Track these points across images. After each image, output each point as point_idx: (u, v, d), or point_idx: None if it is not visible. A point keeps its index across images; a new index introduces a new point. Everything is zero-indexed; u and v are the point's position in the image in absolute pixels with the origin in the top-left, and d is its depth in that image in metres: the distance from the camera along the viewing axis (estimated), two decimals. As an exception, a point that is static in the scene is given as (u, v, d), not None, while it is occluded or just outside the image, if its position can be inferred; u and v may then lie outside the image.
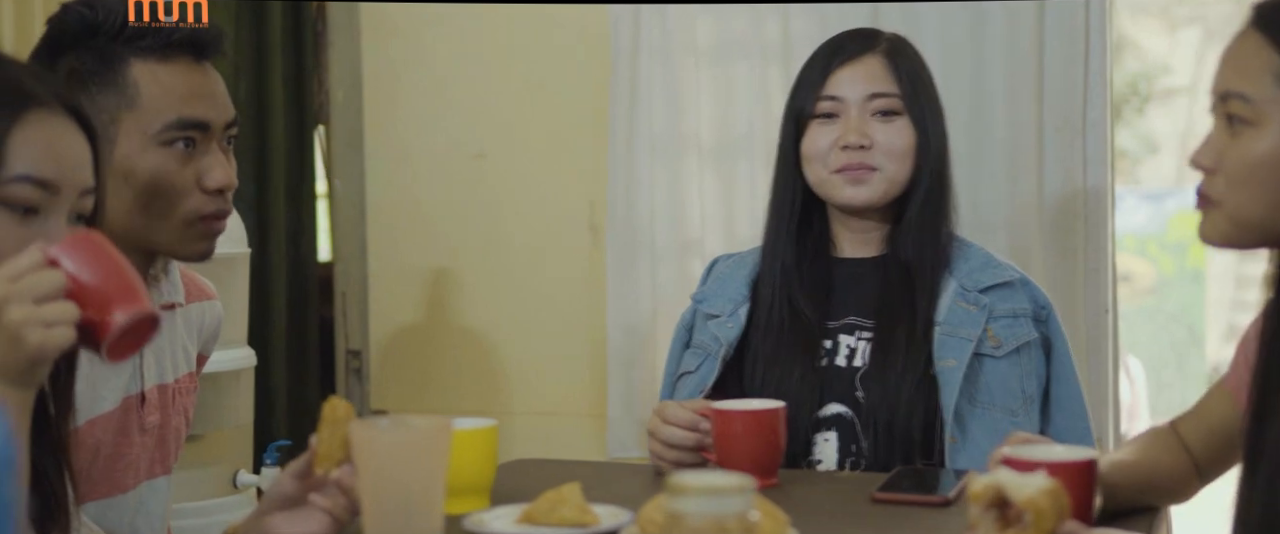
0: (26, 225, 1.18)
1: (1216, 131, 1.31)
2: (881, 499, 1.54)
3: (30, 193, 1.18)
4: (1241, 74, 1.27)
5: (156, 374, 1.63)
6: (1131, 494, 1.48)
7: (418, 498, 1.22)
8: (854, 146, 1.87)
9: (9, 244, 1.16)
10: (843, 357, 1.88)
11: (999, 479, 1.19)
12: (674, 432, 1.70)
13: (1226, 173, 1.29)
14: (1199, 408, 1.60)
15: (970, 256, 1.92)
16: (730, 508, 1.09)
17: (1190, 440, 1.58)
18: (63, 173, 1.20)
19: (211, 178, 1.55)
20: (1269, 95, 1.25)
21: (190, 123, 1.54)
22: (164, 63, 1.54)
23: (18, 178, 1.17)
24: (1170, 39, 8.62)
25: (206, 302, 1.76)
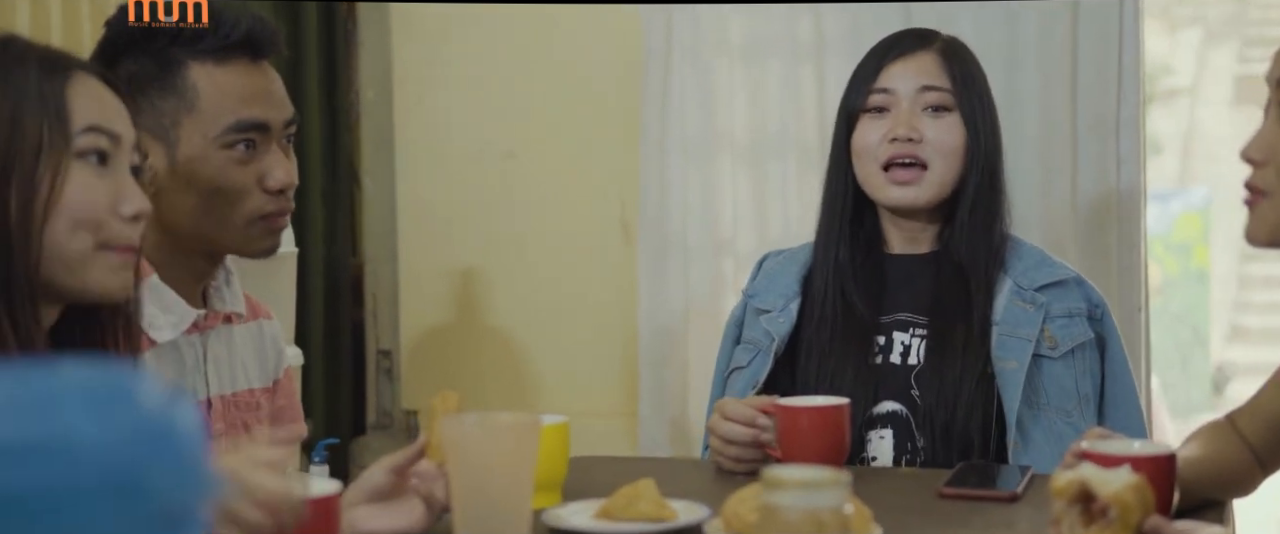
0: (103, 176, 1.22)
1: (1269, 124, 1.32)
2: (949, 495, 1.54)
3: (101, 141, 1.22)
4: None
5: (217, 384, 1.64)
6: (1200, 489, 1.49)
7: (507, 493, 1.23)
8: (903, 138, 1.87)
9: (90, 198, 1.20)
10: (897, 354, 1.88)
11: (1083, 475, 1.20)
12: (733, 428, 1.70)
13: (1277, 164, 1.29)
14: (1255, 401, 1.61)
15: (1025, 255, 1.92)
16: (826, 502, 1.10)
17: (1249, 433, 1.58)
18: (117, 125, 1.25)
19: (273, 178, 1.56)
20: None
21: (250, 124, 1.54)
22: (221, 65, 1.54)
23: (86, 128, 1.21)
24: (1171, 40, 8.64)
25: (265, 321, 1.76)
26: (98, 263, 1.21)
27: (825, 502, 1.10)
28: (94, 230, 1.20)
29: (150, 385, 0.62)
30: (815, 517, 1.09)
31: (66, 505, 0.58)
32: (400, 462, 1.33)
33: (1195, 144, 8.59)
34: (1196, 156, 8.14)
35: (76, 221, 1.20)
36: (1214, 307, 7.95)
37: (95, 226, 1.20)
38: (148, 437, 0.61)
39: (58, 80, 1.22)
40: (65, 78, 1.22)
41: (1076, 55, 2.83)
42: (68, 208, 1.19)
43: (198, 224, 1.54)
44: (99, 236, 1.21)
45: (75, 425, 0.60)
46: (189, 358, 1.58)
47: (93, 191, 1.20)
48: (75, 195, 1.19)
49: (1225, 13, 8.27)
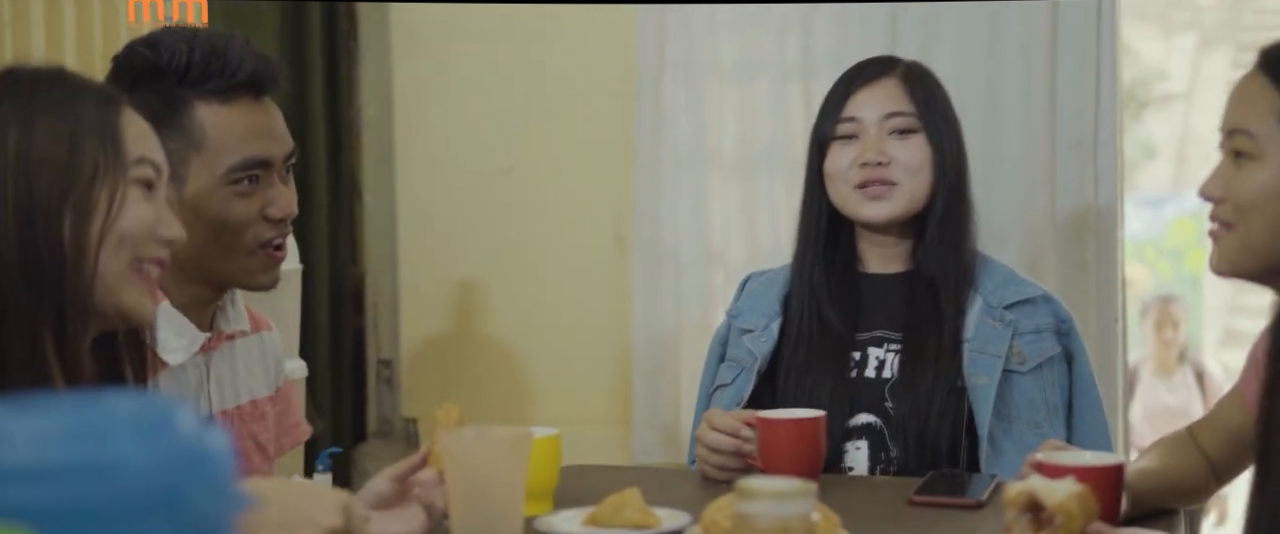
0: (149, 201, 1.30)
1: (1223, 164, 1.41)
2: (918, 502, 1.64)
3: (149, 172, 1.30)
4: (1246, 112, 1.37)
5: (220, 400, 1.71)
6: (1153, 498, 1.58)
7: (501, 501, 1.33)
8: (872, 163, 1.96)
9: (141, 222, 1.28)
10: (872, 368, 1.96)
11: (1031, 485, 1.30)
12: (718, 438, 1.79)
13: (1233, 201, 1.38)
14: (1214, 414, 1.70)
15: (994, 273, 2.00)
16: (795, 510, 1.19)
17: (1206, 445, 1.67)
18: (159, 157, 1.33)
19: (276, 208, 1.63)
20: (1270, 132, 1.34)
21: (255, 162, 1.61)
22: (226, 104, 1.60)
23: (138, 160, 1.29)
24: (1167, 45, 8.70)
25: (266, 333, 1.83)
26: (131, 286, 1.29)
27: (793, 510, 1.19)
28: (134, 248, 1.28)
29: (187, 414, 0.72)
30: (784, 524, 1.19)
31: (115, 520, 0.67)
32: (402, 471, 1.42)
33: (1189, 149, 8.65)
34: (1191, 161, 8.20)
35: (123, 243, 1.27)
36: (1207, 311, 8.03)
37: (135, 247, 1.28)
38: (186, 460, 0.70)
39: (112, 112, 1.29)
40: (118, 110, 1.30)
41: (1056, 74, 2.91)
42: (119, 231, 1.26)
43: (203, 254, 1.60)
44: (136, 255, 1.29)
45: (123, 450, 0.69)
46: (193, 378, 1.65)
47: (143, 216, 1.28)
48: (128, 220, 1.27)
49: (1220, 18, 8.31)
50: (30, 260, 1.25)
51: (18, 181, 1.24)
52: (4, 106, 1.26)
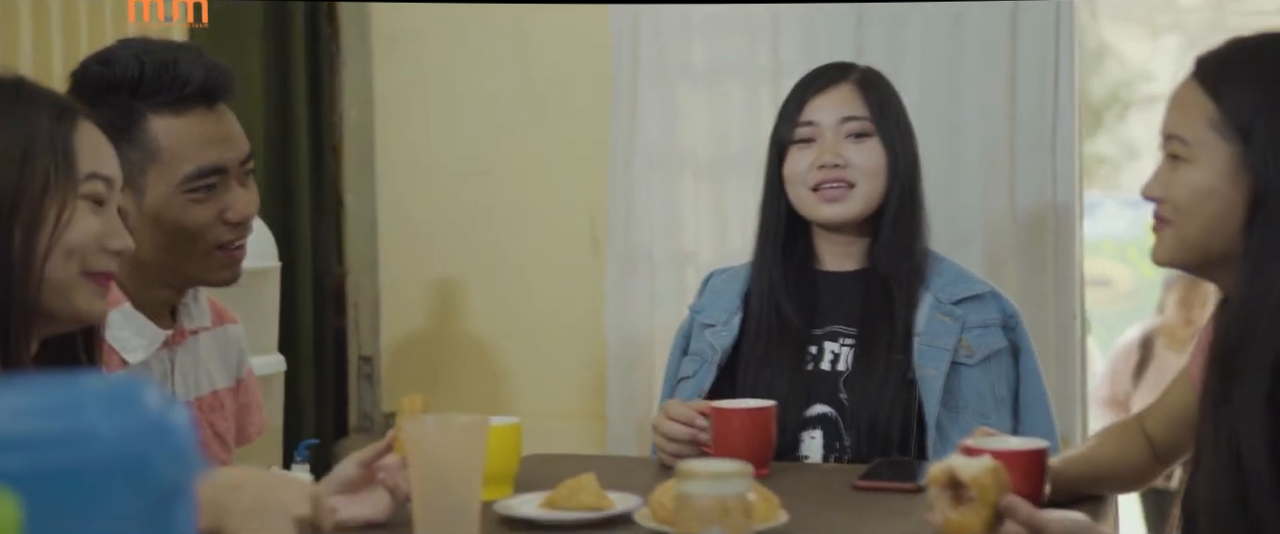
0: (97, 215, 1.36)
1: (1162, 166, 1.49)
2: (861, 487, 1.72)
3: (99, 188, 1.36)
4: (1181, 119, 1.45)
5: (184, 392, 1.77)
6: (1084, 484, 1.66)
7: (460, 485, 1.41)
8: (829, 165, 2.04)
9: (87, 235, 1.34)
10: (827, 361, 2.05)
11: (950, 462, 1.38)
12: (675, 427, 1.87)
13: (1171, 201, 1.46)
14: (1163, 398, 1.78)
15: (944, 271, 2.08)
16: (731, 490, 1.27)
17: (1152, 430, 1.75)
18: (112, 171, 1.38)
19: (234, 211, 1.69)
20: (1202, 138, 1.42)
21: (210, 169, 1.66)
22: (179, 116, 1.65)
23: (89, 175, 1.35)
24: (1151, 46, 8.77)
25: (230, 326, 1.89)
26: (82, 289, 1.35)
27: (730, 489, 1.27)
28: (82, 260, 1.34)
29: (152, 391, 0.80)
30: (721, 503, 1.27)
31: (86, 485, 0.75)
32: (367, 456, 1.49)
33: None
34: (1174, 163, 8.27)
35: (70, 253, 1.33)
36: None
37: (83, 257, 1.34)
38: (150, 431, 0.78)
39: (66, 127, 1.34)
40: (72, 125, 1.35)
41: (1016, 79, 2.97)
42: (66, 243, 1.32)
43: (164, 257, 1.66)
44: (85, 265, 1.35)
45: (95, 422, 0.77)
46: (156, 372, 1.71)
47: (90, 230, 1.34)
48: (75, 233, 1.33)
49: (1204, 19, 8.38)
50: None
51: None
52: None
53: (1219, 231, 1.42)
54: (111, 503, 0.75)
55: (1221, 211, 1.41)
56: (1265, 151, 1.38)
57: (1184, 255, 1.47)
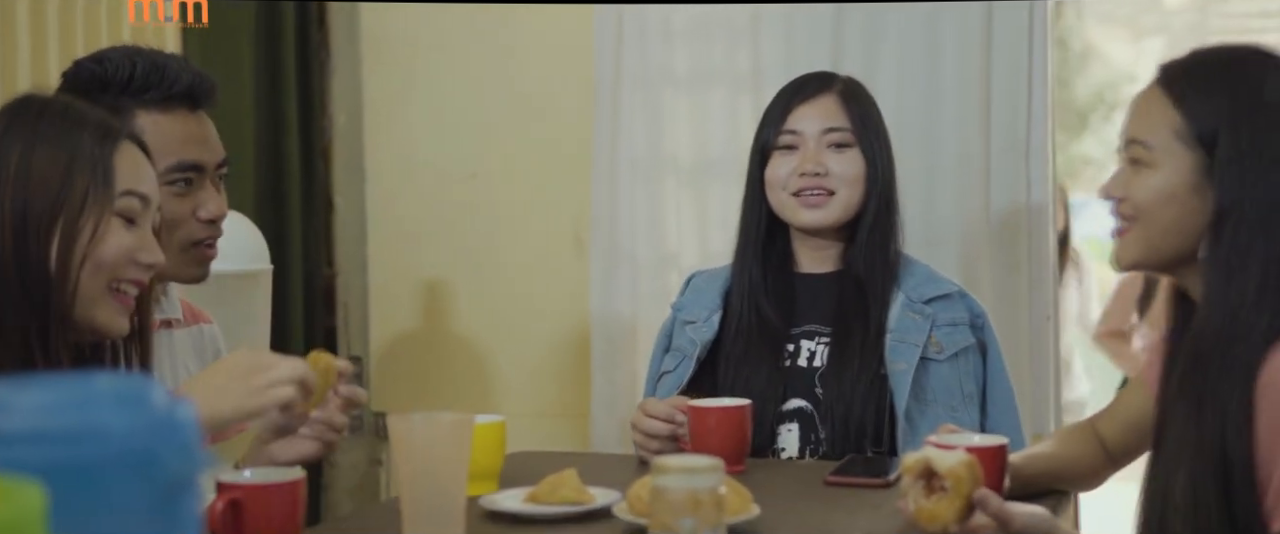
0: (130, 232, 1.44)
1: (1122, 169, 1.54)
2: (832, 482, 1.78)
3: (134, 204, 1.44)
4: (1143, 124, 1.50)
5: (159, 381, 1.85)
6: (1042, 481, 1.73)
7: (446, 479, 1.47)
8: (811, 173, 2.11)
9: (119, 249, 1.42)
10: (804, 358, 2.11)
11: (926, 453, 1.45)
12: (653, 424, 1.94)
13: (1131, 202, 1.51)
14: (1116, 404, 1.84)
15: (915, 272, 2.15)
16: (704, 484, 1.34)
17: (1106, 434, 1.81)
18: (148, 189, 1.47)
19: (206, 210, 1.78)
20: (1164, 143, 1.48)
21: (188, 165, 1.76)
22: (165, 113, 1.75)
23: (125, 192, 1.43)
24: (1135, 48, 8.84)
25: (205, 325, 1.97)
26: (105, 305, 1.43)
27: (702, 484, 1.34)
28: (112, 272, 1.42)
29: (159, 390, 0.86)
30: (694, 496, 1.34)
31: (100, 478, 0.81)
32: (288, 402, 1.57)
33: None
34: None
35: (99, 266, 1.41)
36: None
37: (113, 270, 1.42)
38: (159, 427, 0.84)
39: (107, 147, 1.43)
40: (114, 145, 1.44)
41: (990, 85, 3.02)
42: (97, 257, 1.40)
43: None
44: (113, 278, 1.43)
45: (106, 419, 0.83)
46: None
47: (123, 244, 1.42)
48: (107, 248, 1.41)
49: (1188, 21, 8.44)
50: (21, 273, 1.39)
51: (15, 201, 1.37)
52: (13, 131, 1.40)
53: (1180, 236, 1.47)
54: (122, 495, 0.82)
55: (1183, 217, 1.46)
56: (1229, 161, 1.43)
57: (1148, 258, 1.52)
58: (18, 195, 1.39)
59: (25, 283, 1.39)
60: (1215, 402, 1.41)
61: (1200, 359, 1.44)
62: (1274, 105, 1.44)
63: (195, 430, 0.87)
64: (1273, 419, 1.37)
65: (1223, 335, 1.42)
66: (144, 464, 0.83)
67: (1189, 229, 1.47)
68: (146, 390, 0.85)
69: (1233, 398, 1.40)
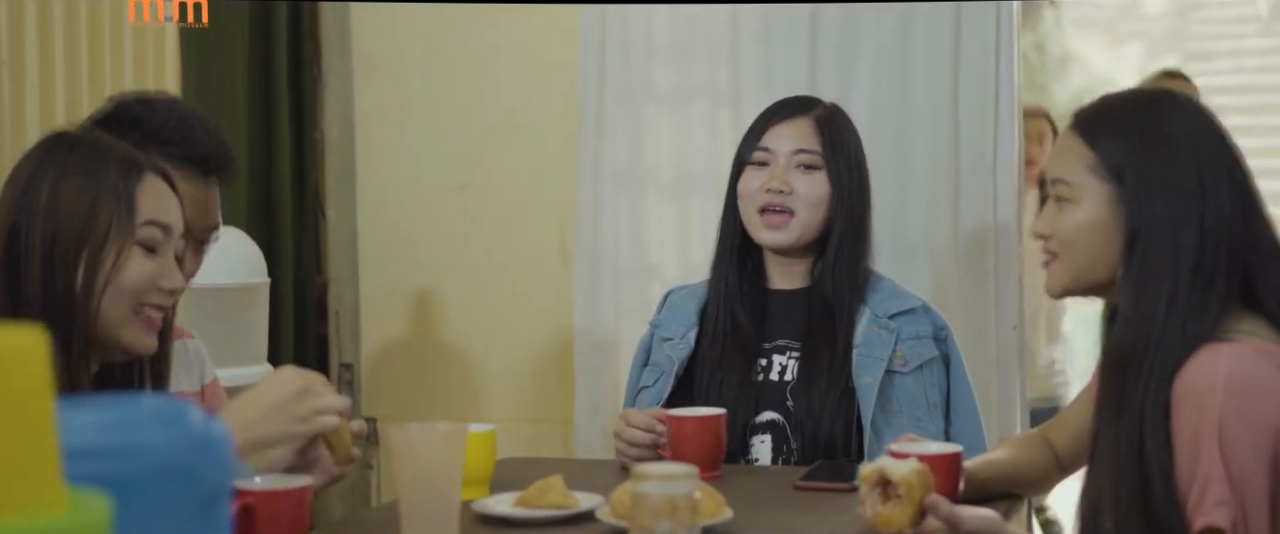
0: (151, 260, 1.54)
1: (1048, 206, 1.66)
2: (802, 487, 1.90)
3: (155, 234, 1.54)
4: (1063, 164, 1.62)
5: None
6: (996, 485, 1.85)
7: (441, 485, 1.58)
8: (776, 190, 2.22)
9: (140, 276, 1.52)
10: (775, 372, 2.22)
11: (881, 463, 1.57)
12: (635, 433, 2.05)
13: (1057, 238, 1.64)
14: (1065, 413, 1.96)
15: (881, 288, 2.26)
16: (679, 490, 1.45)
17: (1055, 441, 1.93)
18: (171, 219, 1.57)
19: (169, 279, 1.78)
20: (1081, 180, 1.60)
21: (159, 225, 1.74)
22: (176, 169, 1.76)
23: (146, 222, 1.53)
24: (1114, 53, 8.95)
25: (188, 340, 2.02)
26: (131, 326, 1.54)
27: (679, 489, 1.45)
28: (135, 298, 1.53)
29: (196, 410, 0.97)
30: (671, 501, 1.45)
31: (148, 488, 0.92)
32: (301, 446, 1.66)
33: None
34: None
35: (122, 292, 1.51)
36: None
37: (135, 295, 1.53)
38: (196, 444, 0.95)
39: (132, 179, 1.53)
40: (138, 178, 1.54)
41: (958, 103, 3.12)
42: (119, 283, 1.51)
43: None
44: (137, 302, 1.53)
45: (151, 436, 0.94)
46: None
47: (143, 271, 1.53)
48: (128, 275, 1.52)
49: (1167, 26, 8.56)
50: (49, 297, 1.50)
51: (45, 230, 1.48)
52: (45, 164, 1.51)
53: (1102, 262, 1.60)
54: (166, 504, 0.93)
55: (1102, 243, 1.59)
56: (1136, 190, 1.55)
57: (1074, 285, 1.65)
58: (47, 225, 1.49)
59: (51, 306, 1.50)
60: (1132, 408, 1.52)
61: (1119, 370, 1.55)
62: (1173, 139, 1.56)
63: (228, 446, 0.98)
64: (1188, 428, 1.48)
65: (1137, 348, 1.53)
66: (184, 477, 0.94)
67: (1109, 255, 1.58)
68: (185, 410, 0.96)
69: (1149, 404, 1.51)
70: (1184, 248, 1.53)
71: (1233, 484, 1.45)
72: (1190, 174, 1.55)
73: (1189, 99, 1.68)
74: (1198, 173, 1.55)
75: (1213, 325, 1.52)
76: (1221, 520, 1.45)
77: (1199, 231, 1.53)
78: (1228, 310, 1.53)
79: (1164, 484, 1.50)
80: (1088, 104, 1.66)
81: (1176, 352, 1.51)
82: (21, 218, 1.51)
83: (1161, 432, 1.51)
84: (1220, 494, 1.45)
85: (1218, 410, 1.46)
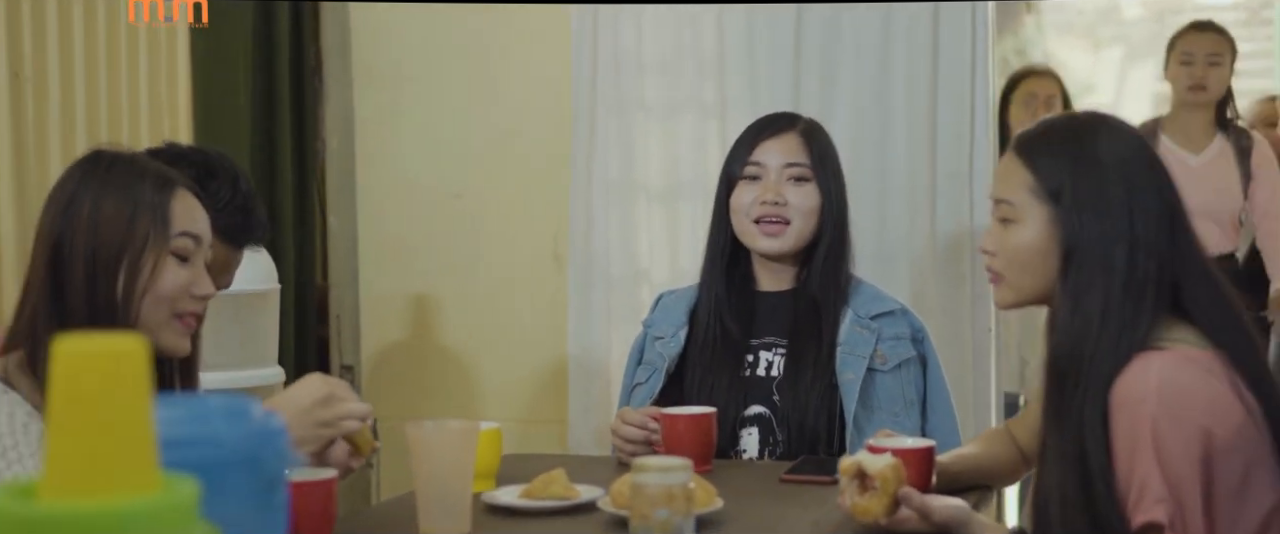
0: (185, 268, 1.66)
1: (994, 225, 1.76)
2: (787, 480, 2.04)
3: (188, 244, 1.66)
4: (1005, 185, 1.73)
5: None
6: (967, 477, 1.98)
7: (454, 477, 1.71)
8: (771, 202, 2.34)
9: (176, 283, 1.64)
10: (763, 368, 2.35)
11: (859, 458, 1.70)
12: (630, 430, 2.18)
13: (1001, 257, 1.74)
14: (1028, 410, 2.10)
15: (862, 291, 2.39)
16: (676, 481, 1.60)
17: (1019, 436, 2.06)
18: (201, 230, 1.69)
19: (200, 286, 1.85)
20: (1023, 201, 1.70)
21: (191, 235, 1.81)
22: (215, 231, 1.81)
23: (180, 234, 1.65)
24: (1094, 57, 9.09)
25: None
26: (169, 330, 1.66)
27: (675, 481, 1.60)
28: (170, 305, 1.65)
29: (257, 406, 1.11)
30: (668, 491, 1.59)
31: (219, 474, 1.05)
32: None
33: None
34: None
35: (160, 298, 1.63)
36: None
37: (172, 302, 1.65)
38: (259, 436, 1.09)
39: (165, 193, 1.65)
40: (171, 192, 1.65)
41: (936, 116, 3.27)
42: (156, 291, 1.63)
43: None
44: (174, 309, 1.65)
45: (220, 429, 1.07)
46: None
47: (177, 278, 1.65)
48: (164, 283, 1.64)
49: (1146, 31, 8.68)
50: (93, 305, 1.62)
51: (87, 243, 1.60)
52: (85, 182, 1.63)
53: (1042, 276, 1.69)
54: (235, 488, 1.06)
55: (1043, 261, 1.68)
56: (1072, 209, 1.65)
57: (1019, 299, 1.75)
58: (89, 239, 1.61)
59: (95, 314, 1.62)
60: (1073, 415, 1.62)
61: (1059, 379, 1.65)
62: (1106, 162, 1.66)
63: (284, 436, 1.12)
64: (1125, 433, 1.58)
65: (1074, 358, 1.63)
66: (249, 464, 1.07)
67: (1049, 271, 1.68)
68: (247, 406, 1.10)
69: (1088, 411, 1.61)
70: (1115, 264, 1.62)
71: (1168, 483, 1.55)
72: (1121, 195, 1.65)
73: (1122, 124, 1.77)
74: (1128, 193, 1.65)
75: (1145, 336, 1.61)
76: (1160, 516, 1.55)
77: (1129, 248, 1.63)
78: (1158, 321, 1.63)
79: (1105, 485, 1.59)
80: (1029, 128, 1.77)
81: (1111, 362, 1.61)
82: (65, 234, 1.62)
83: (1101, 437, 1.60)
84: (1158, 493, 1.55)
85: (1151, 416, 1.56)
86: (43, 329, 1.59)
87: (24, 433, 1.57)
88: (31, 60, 2.74)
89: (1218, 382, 1.60)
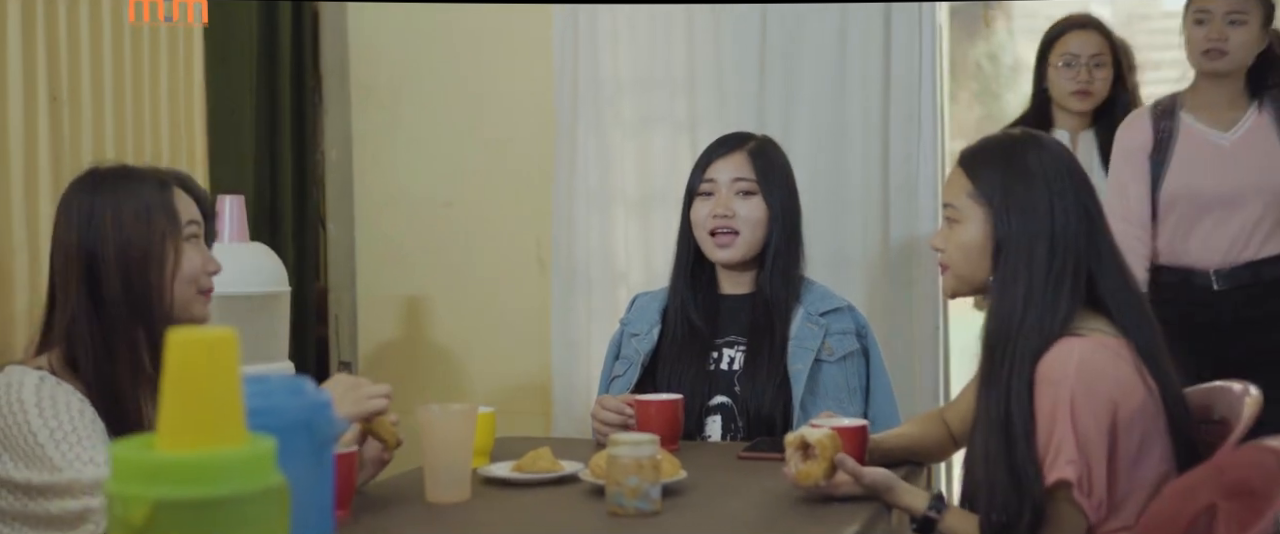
0: (196, 249, 1.93)
1: (943, 225, 2.06)
2: (744, 457, 2.32)
3: (195, 229, 1.93)
4: (952, 192, 2.01)
5: None
6: (899, 454, 2.26)
7: (457, 453, 1.99)
8: (721, 215, 2.60)
9: (195, 263, 1.91)
10: (725, 363, 2.61)
11: (802, 431, 1.98)
12: (608, 415, 2.45)
13: (948, 253, 2.02)
14: (960, 397, 2.37)
15: (813, 290, 2.65)
16: (644, 452, 1.88)
17: (950, 420, 2.34)
18: (199, 217, 1.95)
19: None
20: (964, 205, 1.98)
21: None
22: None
23: (187, 222, 1.92)
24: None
25: None
26: (197, 302, 1.94)
27: (644, 452, 1.88)
28: (194, 281, 1.93)
29: (309, 383, 1.39)
30: (638, 461, 1.87)
31: (283, 436, 1.32)
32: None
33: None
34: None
35: (186, 279, 1.91)
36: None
37: (194, 279, 1.93)
38: (311, 406, 1.37)
39: (167, 192, 1.91)
40: (171, 190, 1.92)
41: (888, 133, 3.53)
42: (184, 273, 1.90)
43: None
44: (198, 286, 1.93)
45: (281, 401, 1.35)
46: None
47: (195, 259, 1.93)
48: (188, 265, 1.91)
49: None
50: (131, 297, 1.88)
51: (118, 244, 1.86)
52: (99, 196, 1.89)
53: (980, 270, 1.97)
54: (295, 449, 1.32)
55: (980, 256, 1.96)
56: (1000, 211, 1.93)
57: (963, 288, 2.05)
58: (119, 243, 1.86)
59: (135, 304, 1.87)
60: (1000, 386, 1.88)
61: (989, 354, 1.92)
62: (1032, 172, 1.93)
63: (330, 407, 1.40)
64: (1047, 403, 1.85)
65: (1000, 336, 1.89)
66: (305, 429, 1.35)
67: (984, 265, 1.95)
68: (301, 383, 1.38)
69: (1015, 383, 1.86)
70: (1036, 258, 1.89)
71: (1079, 447, 1.81)
72: (1043, 199, 1.91)
73: (1052, 140, 2.03)
74: (1049, 198, 1.91)
75: (1064, 321, 1.87)
76: (1070, 474, 1.82)
77: (1049, 244, 1.89)
78: (1076, 310, 1.88)
79: (1026, 446, 1.85)
80: (972, 144, 2.05)
81: (1036, 341, 1.86)
82: (95, 243, 1.87)
83: (1026, 404, 1.86)
84: (1069, 454, 1.82)
85: (1070, 390, 1.82)
86: (84, 329, 1.84)
87: (81, 417, 1.82)
88: (67, 83, 2.90)
89: (1126, 365, 1.86)
